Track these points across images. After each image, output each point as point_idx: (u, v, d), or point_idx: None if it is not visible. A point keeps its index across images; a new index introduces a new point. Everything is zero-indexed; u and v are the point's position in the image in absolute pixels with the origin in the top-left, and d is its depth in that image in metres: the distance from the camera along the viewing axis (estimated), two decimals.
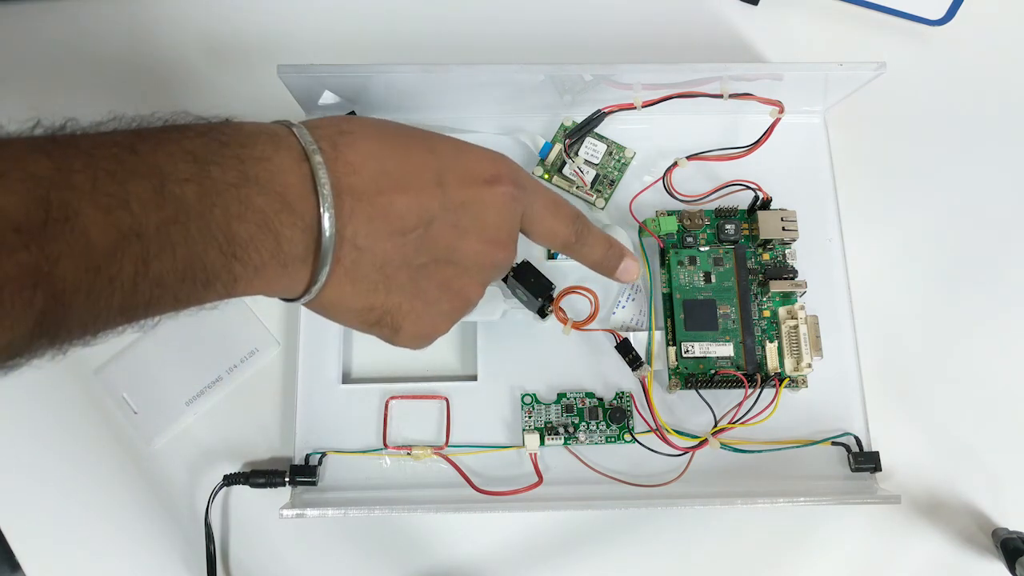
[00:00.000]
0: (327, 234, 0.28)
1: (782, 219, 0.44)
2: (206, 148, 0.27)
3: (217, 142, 0.27)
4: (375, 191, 0.29)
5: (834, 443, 0.44)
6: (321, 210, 0.28)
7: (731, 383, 0.43)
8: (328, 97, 0.46)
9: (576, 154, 0.47)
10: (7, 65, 0.49)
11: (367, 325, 0.32)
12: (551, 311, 0.44)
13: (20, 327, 0.23)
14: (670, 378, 0.44)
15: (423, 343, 0.34)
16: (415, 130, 0.33)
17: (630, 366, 0.43)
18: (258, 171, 0.27)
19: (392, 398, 0.44)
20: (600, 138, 0.47)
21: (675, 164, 0.46)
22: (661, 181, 0.46)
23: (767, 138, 0.44)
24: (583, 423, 0.43)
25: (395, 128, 0.32)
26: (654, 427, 0.42)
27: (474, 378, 0.44)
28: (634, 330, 0.44)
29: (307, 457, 0.43)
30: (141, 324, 0.26)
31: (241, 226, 0.26)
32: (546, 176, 0.47)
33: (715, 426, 0.42)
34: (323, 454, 0.43)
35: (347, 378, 0.45)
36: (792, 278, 0.44)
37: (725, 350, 0.43)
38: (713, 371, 0.43)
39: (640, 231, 0.46)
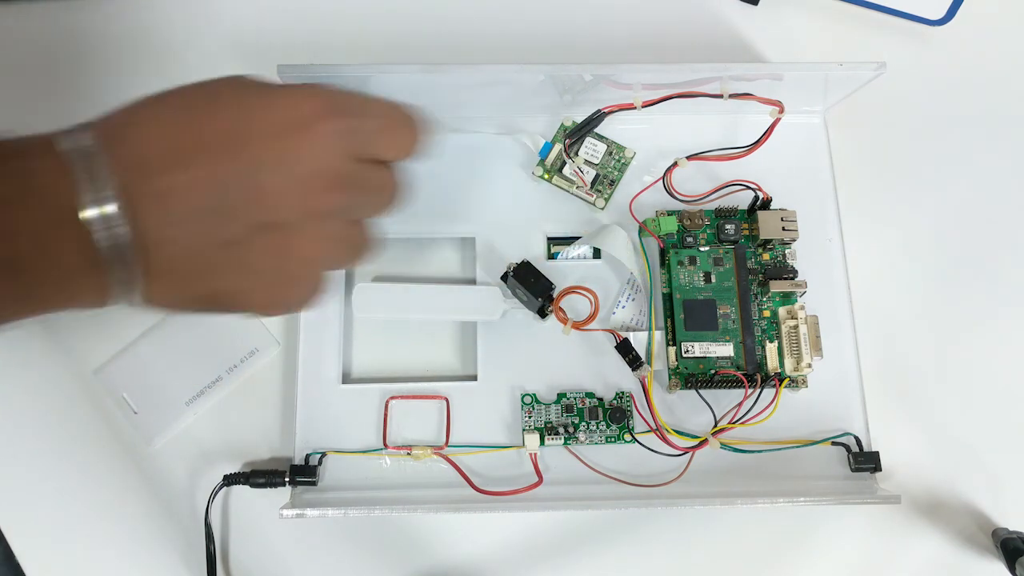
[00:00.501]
0: (109, 239, 0.26)
1: (782, 219, 0.44)
2: None
3: None
4: (163, 173, 0.27)
5: (834, 443, 0.44)
6: (101, 215, 0.26)
7: (731, 383, 0.43)
8: None
9: (576, 154, 0.47)
10: (7, 65, 0.49)
11: (212, 311, 0.30)
12: (551, 311, 0.44)
13: None
14: (670, 378, 0.44)
15: (288, 311, 0.32)
16: (216, 88, 0.30)
17: (630, 366, 0.43)
18: (15, 189, 0.25)
19: (392, 398, 0.44)
20: (600, 138, 0.47)
21: (675, 164, 0.46)
22: (661, 181, 0.46)
23: (767, 138, 0.44)
24: (583, 423, 0.43)
25: (191, 95, 0.30)
26: (654, 427, 0.42)
27: (474, 378, 0.44)
28: (634, 330, 0.44)
29: (307, 457, 0.43)
30: None
31: (9, 247, 0.25)
32: (546, 176, 0.47)
33: (715, 426, 0.42)
34: (323, 454, 0.43)
35: (347, 378, 0.45)
36: (792, 278, 0.44)
37: (725, 350, 0.43)
38: (713, 371, 0.43)
39: (640, 231, 0.46)
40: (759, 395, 0.42)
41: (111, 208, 0.26)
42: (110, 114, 0.29)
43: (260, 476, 0.42)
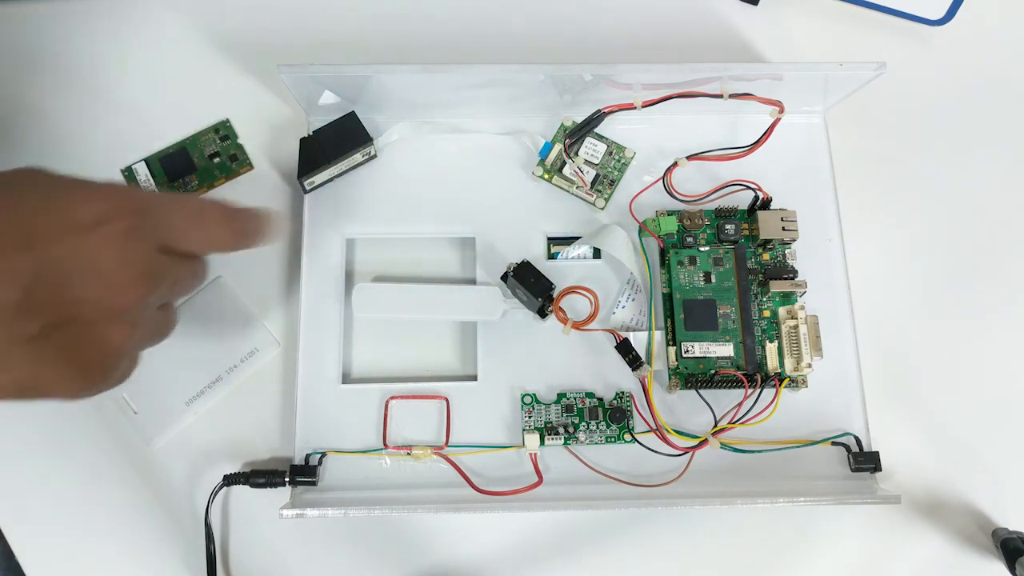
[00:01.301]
0: None
1: (782, 219, 0.44)
2: None
3: None
4: None
5: (834, 443, 0.44)
6: None
7: (731, 383, 0.43)
8: (328, 97, 0.46)
9: (576, 154, 0.47)
10: (7, 65, 0.49)
11: (20, 400, 0.30)
12: (551, 311, 0.44)
13: None
14: (670, 378, 0.44)
15: (94, 393, 0.31)
16: (8, 183, 0.29)
17: (630, 366, 0.43)
18: None
19: (392, 398, 0.44)
20: (600, 138, 0.47)
21: (675, 164, 0.46)
22: (661, 181, 0.46)
23: (767, 138, 0.44)
24: (583, 423, 0.43)
25: (2, 183, 0.29)
26: (654, 427, 0.42)
27: (474, 378, 0.44)
28: (634, 330, 0.44)
29: (307, 457, 0.43)
30: None
31: None
32: (546, 176, 0.47)
33: (715, 426, 0.42)
34: (323, 454, 0.43)
35: (347, 378, 0.45)
36: (792, 278, 0.44)
37: (725, 350, 0.43)
38: (713, 371, 0.43)
39: (640, 231, 0.46)
40: (759, 395, 0.42)
41: None
42: None
43: (260, 476, 0.42)
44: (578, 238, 0.46)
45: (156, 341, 0.34)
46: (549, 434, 0.43)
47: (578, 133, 0.46)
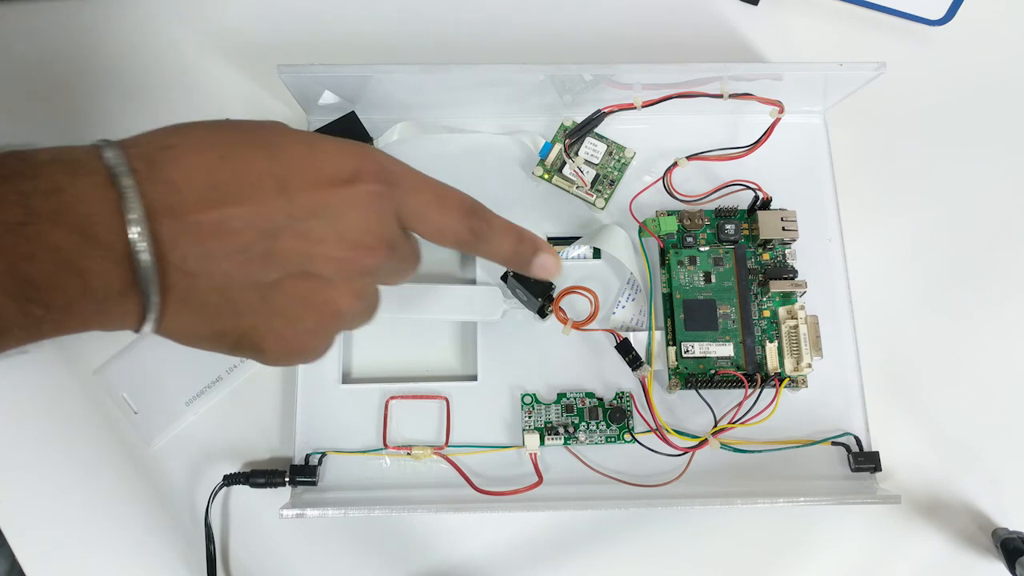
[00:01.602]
0: (142, 263, 0.25)
1: (782, 219, 0.44)
2: None
3: (3, 177, 0.24)
4: (202, 209, 0.26)
5: (834, 443, 0.44)
6: (131, 237, 0.25)
7: (731, 383, 0.43)
8: (328, 97, 0.46)
9: (576, 154, 0.47)
10: (7, 65, 0.49)
11: (226, 349, 0.29)
12: (551, 311, 0.44)
13: None
14: (670, 378, 0.44)
15: (300, 360, 0.31)
16: (257, 131, 0.29)
17: (630, 366, 0.43)
18: (49, 205, 0.24)
19: (392, 398, 0.44)
20: (600, 138, 0.47)
21: (675, 164, 0.46)
22: (661, 181, 0.46)
23: (767, 138, 0.44)
24: (583, 423, 0.43)
25: (232, 133, 0.29)
26: (654, 427, 0.42)
27: (474, 378, 0.44)
28: (634, 330, 0.44)
29: (307, 457, 0.43)
30: None
31: (33, 267, 0.24)
32: (546, 176, 0.47)
33: (715, 426, 0.42)
34: (323, 454, 0.43)
35: (347, 378, 0.45)
36: (792, 278, 0.44)
37: (725, 350, 0.43)
38: (713, 371, 0.43)
39: (640, 231, 0.46)
40: (759, 395, 0.42)
41: (145, 235, 0.25)
42: (141, 137, 0.28)
43: (260, 476, 0.42)
44: (578, 238, 0.46)
45: (360, 323, 0.32)
46: (549, 434, 0.43)
47: (578, 133, 0.46)
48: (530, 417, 0.44)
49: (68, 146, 0.26)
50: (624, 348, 0.43)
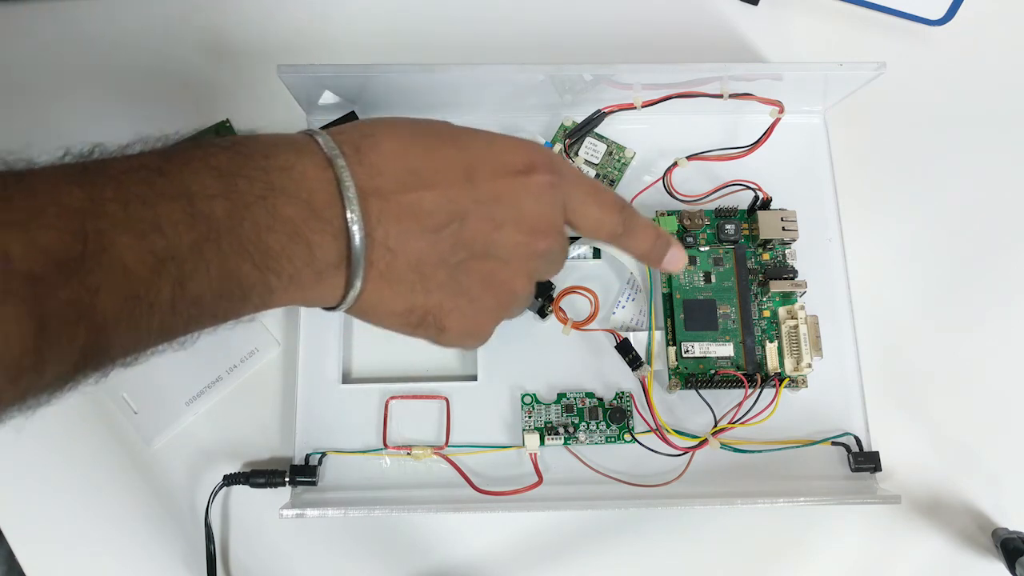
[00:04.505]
0: (357, 238, 0.28)
1: (782, 219, 0.44)
2: (230, 162, 0.27)
3: (241, 155, 0.27)
4: (402, 191, 0.29)
5: (834, 443, 0.44)
6: (348, 214, 0.28)
7: (731, 383, 0.43)
8: (328, 97, 0.46)
9: (576, 154, 0.47)
10: (7, 65, 0.49)
11: (411, 327, 0.32)
12: (551, 311, 0.44)
13: (65, 362, 0.23)
14: (670, 378, 0.44)
15: (472, 342, 0.34)
16: (443, 126, 0.32)
17: (630, 366, 0.43)
18: (283, 180, 0.27)
19: (392, 398, 0.44)
20: (600, 138, 0.47)
21: (675, 164, 0.46)
22: (661, 181, 0.46)
23: (767, 138, 0.44)
24: (583, 423, 0.43)
25: (422, 126, 0.32)
26: (654, 427, 0.42)
27: (474, 378, 0.44)
28: (634, 330, 0.44)
29: (307, 457, 0.43)
30: (181, 342, 0.28)
31: (272, 237, 0.26)
32: None
33: (715, 426, 0.42)
34: (323, 454, 0.43)
35: (347, 378, 0.45)
36: (792, 278, 0.44)
37: (725, 350, 0.43)
38: (713, 371, 0.43)
39: None
40: (759, 395, 0.42)
41: (357, 212, 0.28)
42: (346, 127, 0.30)
43: (260, 476, 0.42)
44: (578, 238, 0.46)
45: (520, 311, 0.36)
46: (549, 434, 0.43)
47: (578, 133, 0.46)
48: (530, 417, 0.44)
49: (282, 133, 0.29)
50: (624, 348, 0.43)
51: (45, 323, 0.22)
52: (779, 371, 0.43)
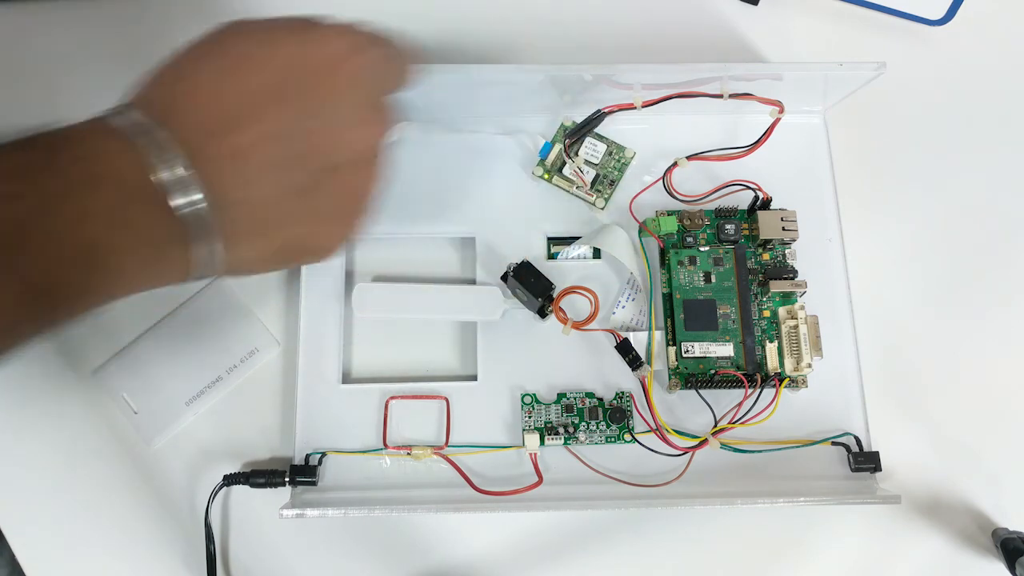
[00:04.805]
0: (194, 205, 0.27)
1: (782, 219, 0.44)
2: (29, 160, 0.25)
3: (42, 151, 0.26)
4: (224, 136, 0.28)
5: (834, 443, 0.44)
6: (176, 184, 0.26)
7: (731, 383, 0.43)
8: None
9: (576, 154, 0.47)
10: (7, 66, 0.49)
11: (286, 264, 0.31)
12: (551, 311, 0.44)
13: None
14: (670, 378, 0.44)
15: (349, 242, 0.33)
16: (251, 34, 0.30)
17: (630, 366, 0.43)
18: (94, 170, 0.26)
19: (392, 398, 0.44)
20: (600, 138, 0.47)
21: (675, 164, 0.46)
22: (661, 181, 0.46)
23: (767, 138, 0.44)
24: (583, 423, 0.43)
25: (230, 46, 0.30)
26: (654, 427, 0.42)
27: (474, 378, 0.44)
28: (634, 330, 0.44)
29: (307, 457, 0.43)
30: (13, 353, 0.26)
31: (89, 230, 0.25)
32: (546, 176, 0.47)
33: (715, 426, 0.42)
34: (323, 454, 0.43)
35: (347, 378, 0.45)
36: (792, 278, 0.44)
37: (725, 350, 0.43)
38: (713, 371, 0.43)
39: (640, 231, 0.46)
40: (759, 395, 0.42)
41: (184, 176, 0.26)
42: (144, 89, 0.29)
43: (260, 476, 0.42)
44: (578, 238, 0.46)
45: (381, 187, 0.34)
46: (549, 434, 0.43)
47: (578, 133, 0.46)
48: (530, 417, 0.44)
49: (93, 117, 0.28)
50: (624, 348, 0.43)
51: None
52: (779, 371, 0.43)
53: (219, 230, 0.27)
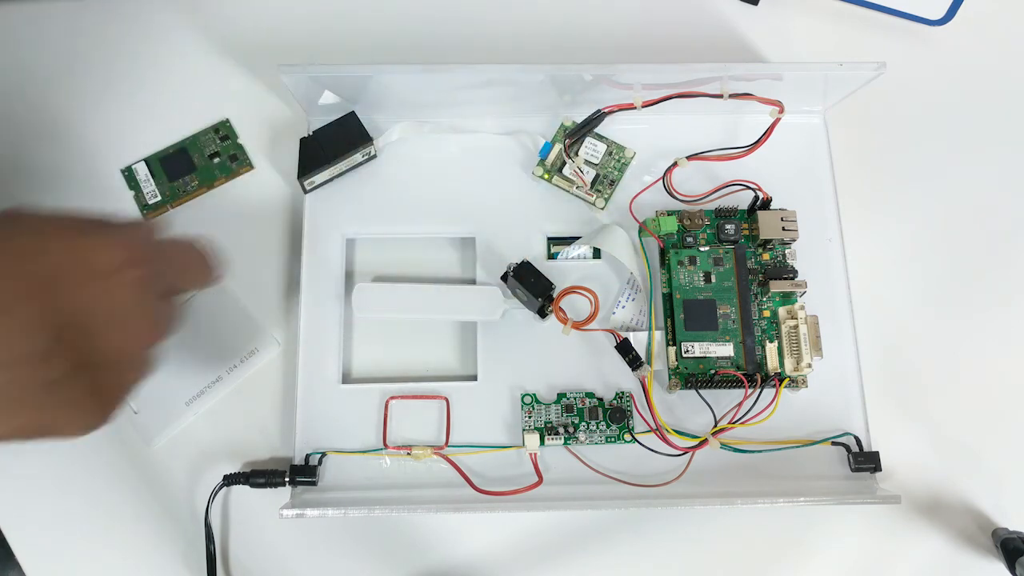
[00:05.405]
0: None
1: (782, 219, 0.44)
2: None
3: None
4: None
5: (834, 443, 0.44)
6: None
7: (731, 383, 0.43)
8: (328, 97, 0.46)
9: (576, 154, 0.47)
10: (7, 65, 0.49)
11: (25, 441, 0.30)
12: (551, 311, 0.44)
13: None
14: (670, 378, 0.44)
15: (99, 428, 0.32)
16: (23, 226, 0.29)
17: (630, 366, 0.43)
18: None
19: (392, 398, 0.44)
20: (600, 138, 0.47)
21: (675, 164, 0.46)
22: (661, 181, 0.46)
23: (767, 138, 0.44)
24: (583, 423, 0.43)
25: (3, 234, 0.29)
26: (654, 427, 0.42)
27: (474, 378, 0.44)
28: (634, 330, 0.44)
29: (307, 457, 0.43)
30: None
31: None
32: (546, 176, 0.47)
33: (715, 426, 0.42)
34: (323, 454, 0.43)
35: (347, 378, 0.45)
36: (792, 278, 0.44)
37: (725, 350, 0.43)
38: (713, 371, 0.43)
39: (640, 231, 0.46)
40: (759, 395, 0.42)
41: None
42: None
43: (260, 476, 0.42)
44: (578, 238, 0.46)
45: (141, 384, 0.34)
46: (549, 434, 0.43)
47: (578, 133, 0.46)
48: (530, 417, 0.44)
49: None
50: (624, 348, 0.43)
51: None
52: (779, 371, 0.43)
53: None
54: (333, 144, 0.45)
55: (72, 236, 0.30)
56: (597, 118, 0.46)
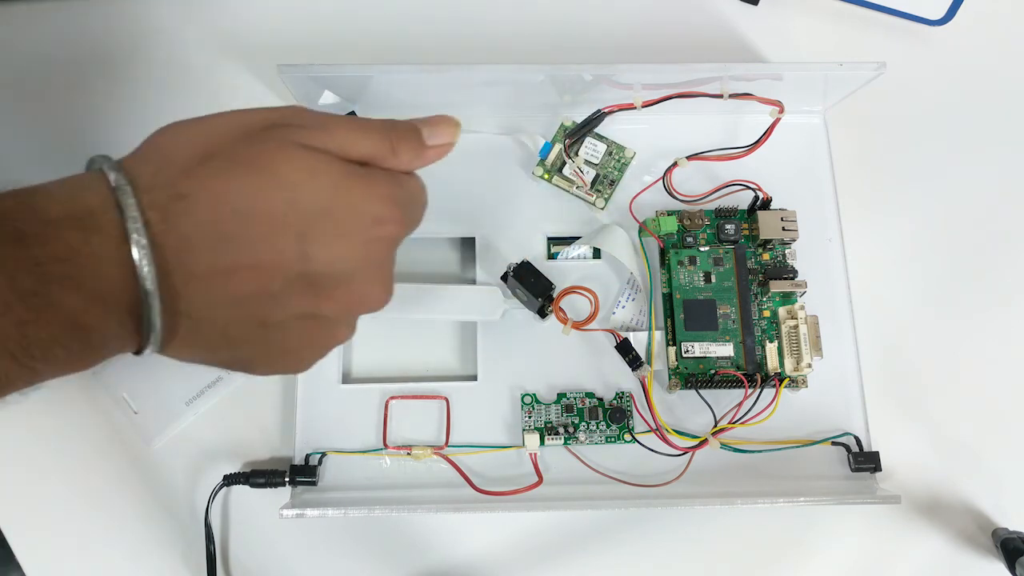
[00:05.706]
0: (152, 319, 0.25)
1: (782, 219, 0.44)
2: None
3: (10, 241, 0.23)
4: (214, 262, 0.25)
5: (834, 443, 0.44)
6: (145, 299, 0.25)
7: (731, 383, 0.43)
8: (328, 97, 0.46)
9: (576, 154, 0.47)
10: (7, 65, 0.49)
11: (220, 367, 0.29)
12: (551, 311, 0.44)
13: None
14: (670, 378, 0.44)
15: (282, 372, 0.31)
16: (300, 159, 0.27)
17: (630, 366, 0.43)
18: (63, 270, 0.24)
19: (392, 398, 0.44)
20: (600, 138, 0.47)
21: (675, 164, 0.46)
22: (661, 181, 0.46)
23: (767, 138, 0.44)
24: (583, 423, 0.43)
25: (245, 177, 0.26)
26: (654, 427, 0.42)
27: (474, 378, 0.44)
28: (634, 330, 0.44)
29: (307, 457, 0.43)
30: None
31: (40, 330, 0.24)
32: (546, 176, 0.47)
33: (715, 426, 0.42)
34: (323, 454, 0.43)
35: (347, 378, 0.45)
36: (792, 278, 0.44)
37: (725, 350, 0.43)
38: (713, 371, 0.43)
39: (640, 231, 0.46)
40: (759, 395, 0.42)
41: (156, 294, 0.25)
42: (156, 179, 0.26)
43: (260, 476, 0.42)
44: (578, 238, 0.46)
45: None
46: (549, 434, 0.43)
47: (578, 133, 0.46)
48: (530, 417, 0.44)
49: (79, 187, 0.25)
50: (624, 348, 0.43)
51: None
52: (779, 371, 0.43)
53: (167, 337, 0.26)
54: None
55: (338, 187, 0.27)
56: (597, 118, 0.46)
